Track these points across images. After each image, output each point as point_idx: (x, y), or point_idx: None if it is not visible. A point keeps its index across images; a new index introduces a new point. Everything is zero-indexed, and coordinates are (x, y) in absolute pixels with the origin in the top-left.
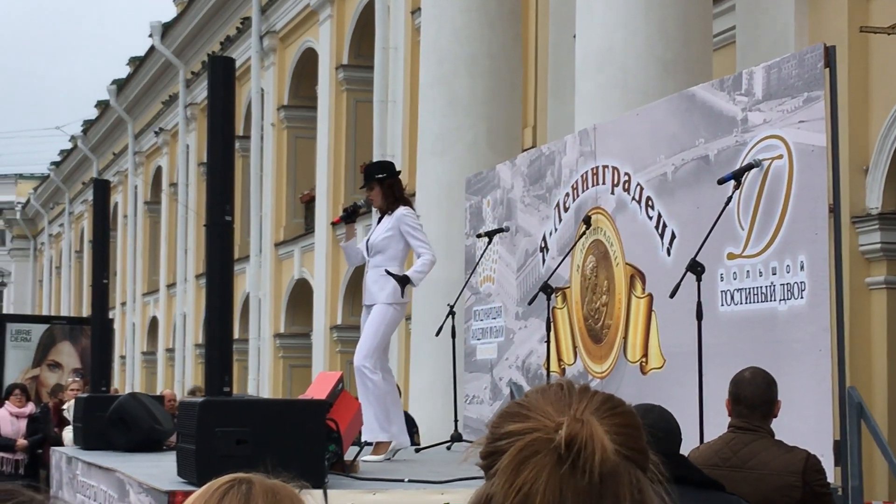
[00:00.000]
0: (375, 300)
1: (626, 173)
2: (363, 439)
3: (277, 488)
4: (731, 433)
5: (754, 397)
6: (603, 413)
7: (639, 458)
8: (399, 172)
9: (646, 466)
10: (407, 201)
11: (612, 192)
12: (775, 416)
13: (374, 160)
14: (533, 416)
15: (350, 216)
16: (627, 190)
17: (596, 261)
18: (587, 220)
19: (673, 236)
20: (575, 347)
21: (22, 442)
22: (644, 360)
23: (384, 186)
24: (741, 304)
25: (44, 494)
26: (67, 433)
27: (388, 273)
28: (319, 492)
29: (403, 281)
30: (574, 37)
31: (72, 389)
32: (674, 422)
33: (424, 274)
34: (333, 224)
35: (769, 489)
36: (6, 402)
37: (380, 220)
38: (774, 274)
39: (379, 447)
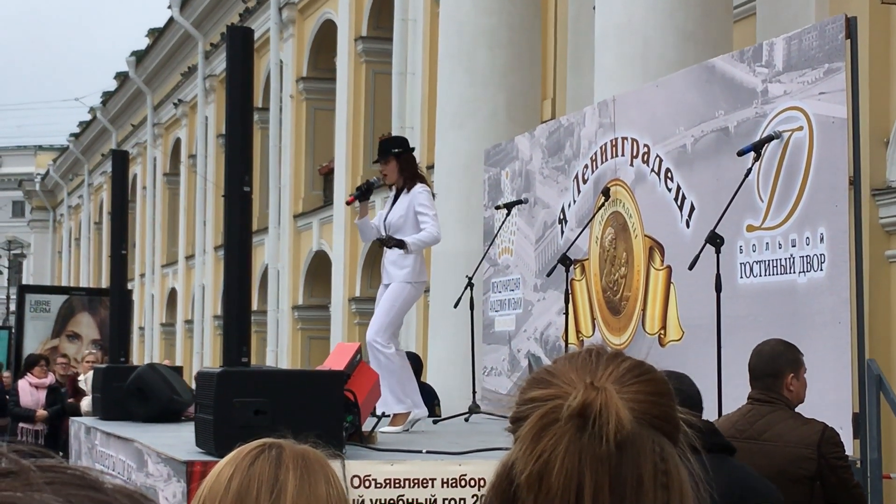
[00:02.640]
0: (393, 279)
1: (646, 145)
2: (378, 412)
3: (307, 453)
4: (748, 405)
5: (756, 369)
6: (627, 380)
7: (665, 426)
8: (413, 149)
9: (674, 435)
10: (423, 178)
11: (632, 164)
12: (789, 390)
13: (392, 133)
14: (556, 383)
15: (364, 194)
16: (646, 162)
17: (615, 233)
18: (606, 192)
19: (692, 208)
20: (593, 319)
21: (42, 413)
22: (662, 332)
23: (401, 161)
24: (760, 276)
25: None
26: (85, 402)
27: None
28: (338, 462)
29: (399, 244)
30: (594, 8)
31: (87, 361)
32: (693, 388)
33: (423, 244)
34: (348, 203)
35: (784, 461)
36: (28, 373)
37: (396, 197)
38: (794, 246)
39: (397, 418)
